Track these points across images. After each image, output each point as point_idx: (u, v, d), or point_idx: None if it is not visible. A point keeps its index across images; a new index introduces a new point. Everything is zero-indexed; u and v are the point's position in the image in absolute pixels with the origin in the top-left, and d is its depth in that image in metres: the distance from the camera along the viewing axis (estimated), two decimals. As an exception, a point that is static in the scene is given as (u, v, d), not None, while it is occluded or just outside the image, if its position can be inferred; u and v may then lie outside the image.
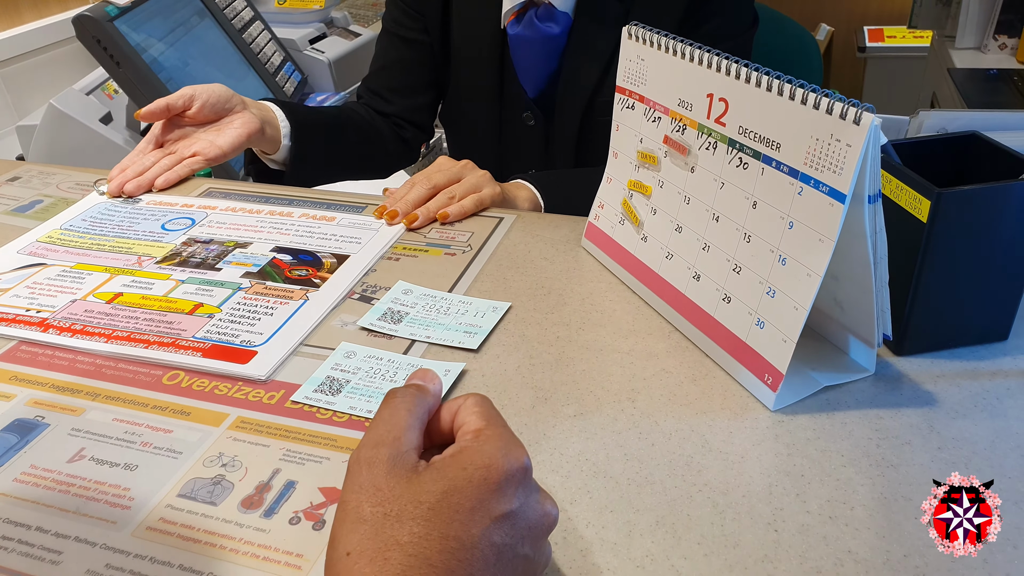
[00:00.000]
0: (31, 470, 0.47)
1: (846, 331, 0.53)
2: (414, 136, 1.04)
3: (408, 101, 1.01)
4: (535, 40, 0.90)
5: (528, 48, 0.91)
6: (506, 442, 0.36)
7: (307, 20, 1.75)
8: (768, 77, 0.48)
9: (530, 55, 0.92)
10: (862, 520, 0.42)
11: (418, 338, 0.58)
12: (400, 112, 1.01)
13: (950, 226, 0.48)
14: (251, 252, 0.71)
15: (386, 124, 1.01)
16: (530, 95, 0.95)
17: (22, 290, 0.66)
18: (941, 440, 0.47)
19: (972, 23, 1.77)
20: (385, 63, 1.02)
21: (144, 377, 0.55)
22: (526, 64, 0.93)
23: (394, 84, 1.01)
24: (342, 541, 0.33)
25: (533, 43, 0.91)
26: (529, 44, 0.91)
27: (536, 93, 0.95)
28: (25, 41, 1.61)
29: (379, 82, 1.02)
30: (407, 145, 1.03)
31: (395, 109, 1.01)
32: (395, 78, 1.01)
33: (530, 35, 0.90)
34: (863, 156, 0.42)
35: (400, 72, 1.01)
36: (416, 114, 1.02)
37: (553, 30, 0.89)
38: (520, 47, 0.92)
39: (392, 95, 1.01)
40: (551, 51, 0.91)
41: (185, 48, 1.28)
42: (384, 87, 1.01)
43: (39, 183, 0.87)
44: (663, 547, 0.41)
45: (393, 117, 1.02)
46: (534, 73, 0.93)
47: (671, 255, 0.59)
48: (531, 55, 0.92)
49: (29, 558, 0.42)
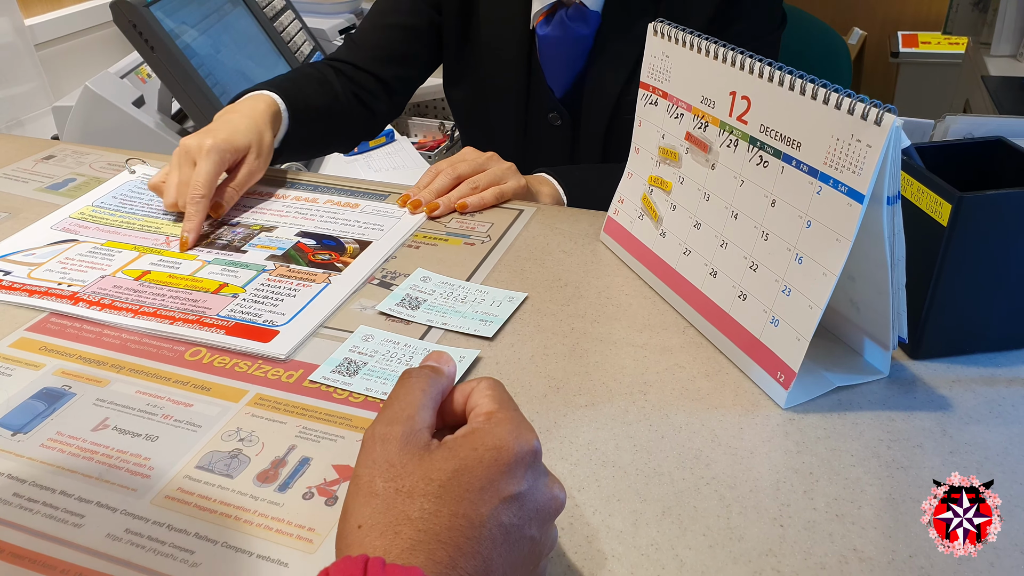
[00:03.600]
0: (57, 437, 0.49)
1: (861, 332, 0.53)
2: (388, 110, 0.99)
3: (401, 71, 0.97)
4: (564, 40, 0.90)
5: (557, 48, 0.91)
6: (517, 425, 0.37)
7: (337, 11, 1.77)
8: (791, 76, 0.48)
9: (559, 55, 0.92)
10: (869, 519, 0.42)
11: (435, 324, 0.59)
12: (390, 80, 0.96)
13: (971, 231, 0.48)
14: (276, 236, 0.72)
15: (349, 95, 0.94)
16: (556, 95, 0.94)
17: (55, 265, 0.67)
18: (953, 444, 0.47)
19: (1008, 30, 1.74)
20: (391, 24, 0.96)
21: (167, 352, 0.57)
22: (554, 64, 0.93)
23: (396, 49, 0.96)
24: (354, 514, 0.34)
25: (562, 43, 0.90)
26: (558, 44, 0.91)
27: (562, 93, 0.94)
28: (64, 24, 1.65)
29: (377, 42, 0.96)
30: (374, 119, 0.98)
31: (387, 74, 0.96)
32: (397, 43, 0.97)
33: (560, 35, 0.89)
34: (883, 157, 0.42)
35: (407, 40, 0.96)
36: (403, 86, 0.99)
37: (583, 30, 0.88)
38: (549, 47, 0.91)
39: (388, 59, 0.96)
40: (579, 51, 0.91)
41: (217, 35, 1.30)
42: (384, 48, 0.96)
43: (73, 162, 0.89)
44: (668, 537, 0.42)
45: (373, 84, 0.95)
46: (561, 73, 0.93)
47: (689, 251, 0.59)
48: (560, 55, 0.92)
49: (53, 520, 0.43)
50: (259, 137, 0.78)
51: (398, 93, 1.00)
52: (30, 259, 0.68)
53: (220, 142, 0.74)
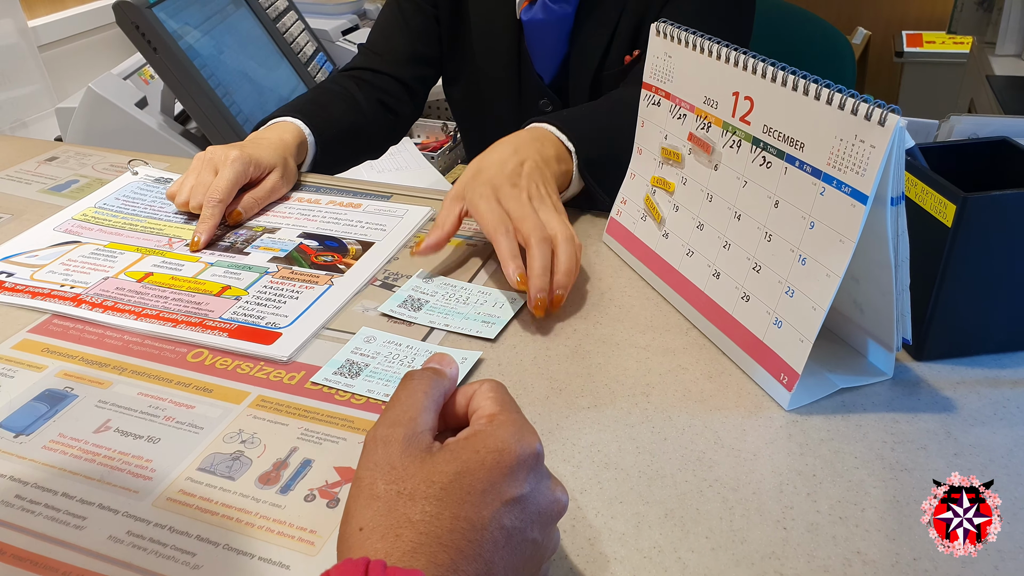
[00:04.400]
0: (59, 438, 0.49)
1: (865, 334, 0.52)
2: (410, 112, 1.00)
3: (419, 70, 0.98)
4: (550, 23, 0.90)
5: (542, 32, 0.92)
6: (519, 427, 0.36)
7: (340, 11, 1.77)
8: (794, 76, 0.48)
9: (545, 40, 0.92)
10: (872, 522, 0.42)
11: (437, 326, 0.59)
12: (410, 80, 0.97)
13: (975, 232, 0.48)
14: (279, 237, 0.72)
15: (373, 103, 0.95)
16: (545, 81, 0.95)
17: (57, 266, 0.67)
18: (958, 446, 0.47)
19: (1013, 30, 1.73)
20: (402, 28, 0.97)
21: (169, 354, 0.57)
22: (541, 49, 0.93)
23: (412, 50, 0.97)
24: (355, 516, 0.34)
25: (547, 26, 0.91)
26: (544, 28, 0.91)
27: (550, 78, 0.95)
28: (68, 25, 1.65)
29: (392, 45, 0.97)
30: (398, 123, 0.99)
31: (407, 75, 0.97)
32: (411, 44, 0.97)
33: (544, 18, 0.90)
34: (887, 158, 0.42)
35: (420, 40, 0.98)
36: (422, 86, 1.00)
37: (567, 10, 0.89)
38: (534, 33, 0.92)
39: (406, 61, 0.97)
40: (562, 33, 0.91)
41: (220, 36, 1.30)
42: (400, 51, 0.97)
43: (75, 163, 0.89)
44: (671, 539, 0.41)
45: (395, 87, 0.96)
46: (548, 58, 0.93)
47: (692, 252, 0.59)
48: (545, 39, 0.92)
49: (55, 522, 0.43)
50: (284, 162, 0.79)
51: (418, 94, 1.01)
52: (33, 261, 0.68)
53: (245, 155, 0.75)
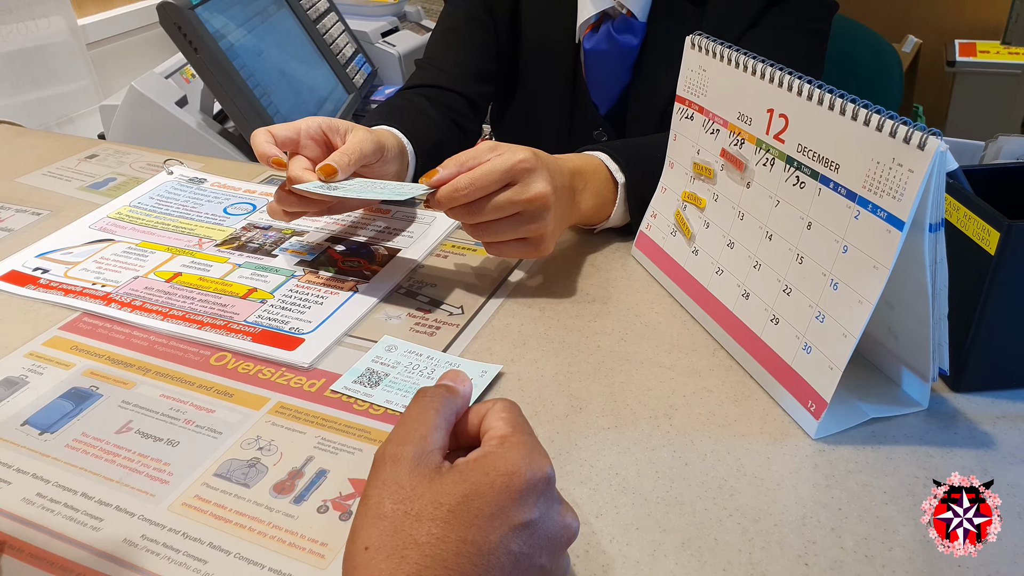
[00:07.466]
0: (82, 437, 0.50)
1: (899, 362, 0.51)
2: (476, 129, 0.99)
3: (483, 87, 0.96)
4: (611, 53, 0.88)
5: (603, 62, 0.89)
6: (530, 450, 0.36)
7: (381, 13, 1.78)
8: (831, 95, 0.46)
9: (605, 69, 0.90)
10: (900, 563, 0.40)
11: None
12: (475, 97, 0.95)
13: (1020, 260, 0.46)
14: (307, 241, 0.72)
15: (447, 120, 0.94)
16: (601, 111, 0.93)
17: (91, 264, 0.69)
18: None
19: (1072, 42, 1.67)
20: (463, 44, 0.95)
21: (193, 356, 0.57)
22: (599, 79, 0.91)
23: (476, 66, 0.94)
24: (361, 535, 0.34)
25: (609, 56, 0.88)
26: (605, 58, 0.88)
27: (607, 109, 0.92)
28: (115, 24, 1.69)
29: (456, 60, 0.94)
30: (466, 141, 0.97)
31: (472, 92, 0.95)
32: (475, 61, 0.94)
33: (607, 48, 0.87)
34: (926, 183, 0.40)
35: (483, 56, 0.95)
36: (486, 103, 0.98)
37: (631, 42, 0.86)
38: (595, 61, 0.89)
39: (471, 77, 0.94)
40: (625, 64, 0.89)
41: (261, 37, 1.32)
42: (465, 67, 0.94)
43: (114, 161, 0.91)
44: (687, 570, 0.40)
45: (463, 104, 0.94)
46: (606, 87, 0.91)
47: (721, 270, 0.57)
48: (606, 69, 0.90)
49: (73, 522, 0.44)
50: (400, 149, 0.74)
51: (482, 111, 0.98)
52: (67, 258, 0.70)
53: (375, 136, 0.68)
